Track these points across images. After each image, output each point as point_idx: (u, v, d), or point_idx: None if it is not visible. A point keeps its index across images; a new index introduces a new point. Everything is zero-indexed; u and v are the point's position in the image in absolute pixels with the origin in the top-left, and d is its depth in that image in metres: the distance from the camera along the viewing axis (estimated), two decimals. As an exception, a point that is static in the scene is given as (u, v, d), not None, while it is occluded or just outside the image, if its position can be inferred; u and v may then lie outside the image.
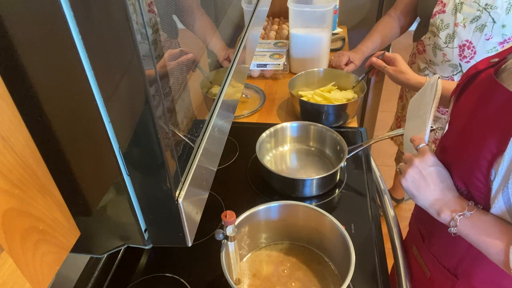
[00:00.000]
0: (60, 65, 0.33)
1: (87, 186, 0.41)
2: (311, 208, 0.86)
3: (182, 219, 0.43)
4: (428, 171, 0.71)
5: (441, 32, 1.31)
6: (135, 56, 0.33)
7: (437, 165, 0.72)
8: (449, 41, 1.30)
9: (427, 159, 0.72)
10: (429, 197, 0.71)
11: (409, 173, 0.73)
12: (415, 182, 0.72)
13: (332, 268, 0.86)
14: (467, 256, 0.76)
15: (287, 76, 1.61)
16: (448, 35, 1.30)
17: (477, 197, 0.67)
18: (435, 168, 0.71)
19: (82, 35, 0.32)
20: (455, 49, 1.30)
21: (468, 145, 0.68)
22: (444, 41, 1.31)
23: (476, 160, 0.65)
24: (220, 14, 0.67)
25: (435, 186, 0.71)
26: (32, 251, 0.36)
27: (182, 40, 0.49)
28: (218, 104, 0.56)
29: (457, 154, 0.72)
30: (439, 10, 1.30)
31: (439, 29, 1.31)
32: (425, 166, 0.72)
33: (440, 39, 1.32)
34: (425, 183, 0.71)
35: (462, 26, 1.25)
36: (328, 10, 1.49)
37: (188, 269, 0.90)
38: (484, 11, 1.20)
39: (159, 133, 0.37)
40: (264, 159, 1.17)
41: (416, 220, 0.94)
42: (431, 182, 0.71)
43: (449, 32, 1.29)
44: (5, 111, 0.33)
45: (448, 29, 1.29)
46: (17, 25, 0.32)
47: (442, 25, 1.30)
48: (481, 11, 1.20)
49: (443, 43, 1.32)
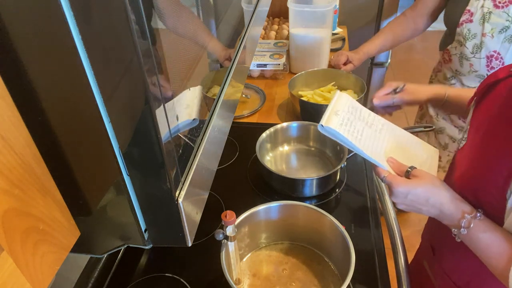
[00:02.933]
0: (60, 65, 0.33)
1: (87, 186, 0.41)
2: (311, 208, 0.86)
3: (182, 219, 0.43)
4: (409, 201, 0.71)
5: (468, 42, 1.27)
6: (135, 56, 0.33)
7: (409, 193, 0.70)
8: (476, 51, 1.27)
9: (397, 194, 0.71)
10: (429, 213, 0.71)
11: (397, 205, 0.73)
12: (408, 209, 0.72)
13: (332, 268, 0.86)
14: (479, 273, 0.74)
15: (287, 76, 1.61)
16: (475, 45, 1.26)
17: (487, 211, 0.66)
18: (411, 195, 0.70)
19: (82, 35, 0.32)
20: (482, 59, 1.27)
21: (484, 158, 0.67)
22: (471, 51, 1.28)
23: (491, 175, 0.64)
24: (220, 14, 0.67)
25: (425, 206, 0.70)
26: (32, 251, 0.35)
27: (182, 40, 0.49)
28: (218, 104, 0.56)
29: (471, 167, 0.70)
30: (466, 19, 1.26)
31: (466, 38, 1.28)
32: (402, 200, 0.71)
33: (467, 49, 1.29)
34: (416, 208, 0.71)
35: (490, 36, 1.22)
36: (328, 10, 1.49)
37: (188, 269, 0.90)
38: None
39: (159, 133, 0.37)
40: (264, 159, 1.17)
41: (427, 233, 0.92)
42: (420, 206, 0.70)
43: (476, 42, 1.26)
44: (5, 111, 0.33)
45: (475, 39, 1.26)
46: (17, 25, 0.32)
47: (469, 35, 1.26)
48: (511, 22, 1.17)
49: (470, 53, 1.28)
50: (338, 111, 0.82)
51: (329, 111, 0.81)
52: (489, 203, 0.65)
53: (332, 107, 0.83)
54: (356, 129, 0.81)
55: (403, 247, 0.98)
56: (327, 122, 0.77)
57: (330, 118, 0.79)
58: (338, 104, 0.84)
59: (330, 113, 0.80)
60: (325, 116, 0.79)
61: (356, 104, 0.88)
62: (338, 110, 0.82)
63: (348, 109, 0.85)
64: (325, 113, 0.81)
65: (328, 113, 0.80)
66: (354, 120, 0.83)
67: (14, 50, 0.33)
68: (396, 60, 2.82)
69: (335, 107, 0.83)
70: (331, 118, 0.79)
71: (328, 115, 0.80)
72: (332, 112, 0.81)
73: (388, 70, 2.15)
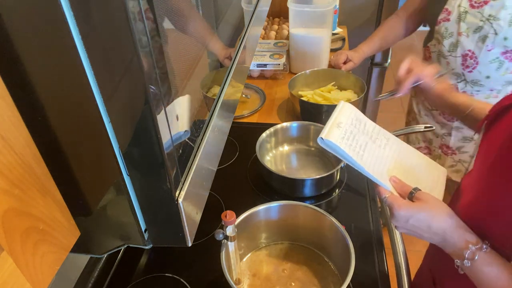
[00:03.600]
0: (60, 65, 0.33)
1: (87, 186, 0.41)
2: (311, 208, 0.86)
3: (182, 219, 0.43)
4: (410, 225, 0.67)
5: (445, 40, 1.30)
6: (135, 56, 0.33)
7: (411, 217, 0.66)
8: (452, 50, 1.29)
9: (398, 218, 0.67)
10: (431, 240, 0.68)
11: (398, 228, 0.69)
12: (409, 234, 0.69)
13: (332, 268, 0.86)
14: None
15: (287, 76, 1.61)
16: (451, 44, 1.28)
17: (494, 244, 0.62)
18: (413, 220, 0.66)
19: (82, 35, 0.32)
20: (458, 58, 1.29)
21: (491, 191, 0.63)
22: (448, 50, 1.30)
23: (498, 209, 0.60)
24: (220, 14, 0.67)
25: (427, 233, 0.66)
26: (32, 251, 0.35)
27: (182, 40, 0.49)
28: (218, 104, 0.56)
29: (477, 199, 0.66)
30: (443, 18, 1.28)
31: (443, 37, 1.30)
32: (403, 224, 0.67)
33: (444, 47, 1.31)
34: (418, 234, 0.67)
35: (465, 35, 1.24)
36: (328, 10, 1.49)
37: (188, 269, 0.90)
38: (487, 22, 1.18)
39: (159, 133, 0.37)
40: (264, 159, 1.16)
41: (428, 258, 0.88)
42: (421, 232, 0.67)
43: (453, 41, 1.28)
44: (5, 111, 0.33)
45: (452, 37, 1.28)
46: (17, 25, 0.32)
47: (446, 33, 1.29)
48: (484, 22, 1.19)
49: (447, 51, 1.31)
50: (340, 123, 0.77)
51: (330, 122, 0.76)
52: (496, 236, 0.62)
53: (334, 118, 0.77)
54: (359, 144, 0.75)
55: (403, 247, 0.98)
56: (327, 135, 0.72)
57: (331, 131, 0.74)
58: (341, 115, 0.79)
59: (331, 125, 0.75)
60: (326, 128, 0.74)
61: (360, 116, 0.83)
62: (340, 122, 0.77)
63: (352, 122, 0.79)
64: (326, 124, 0.76)
65: (329, 125, 0.75)
66: (357, 134, 0.77)
67: (14, 50, 0.33)
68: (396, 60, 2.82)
69: (338, 119, 0.77)
70: (332, 130, 0.74)
71: (329, 127, 0.74)
72: (333, 124, 0.76)
73: (388, 70, 2.15)
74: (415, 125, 1.47)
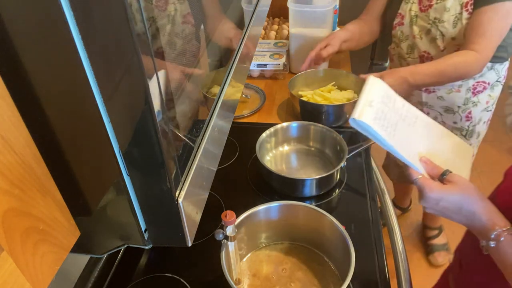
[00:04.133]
0: (60, 65, 0.34)
1: (87, 186, 0.41)
2: (311, 208, 0.86)
3: (182, 219, 0.43)
4: (441, 208, 0.68)
5: (402, 43, 1.33)
6: (135, 56, 0.33)
7: (441, 199, 0.67)
8: (410, 52, 1.32)
9: (429, 200, 0.68)
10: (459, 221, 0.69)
11: (426, 209, 0.70)
12: (438, 214, 0.70)
13: (332, 268, 0.86)
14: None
15: (287, 76, 1.61)
16: (409, 46, 1.31)
17: None
18: (444, 202, 0.67)
19: (82, 35, 0.32)
20: (416, 59, 1.31)
21: None
22: (406, 52, 1.33)
23: None
24: (221, 9, 0.67)
25: (457, 215, 0.67)
26: (32, 251, 0.36)
27: (182, 39, 0.49)
28: (218, 104, 0.56)
29: None
30: (398, 22, 1.31)
31: (400, 40, 1.33)
32: (433, 205, 0.68)
33: (403, 50, 1.34)
34: (446, 215, 0.69)
35: (419, 38, 1.27)
36: (328, 10, 1.49)
37: (188, 269, 0.90)
38: (433, 24, 1.21)
39: (159, 133, 0.37)
40: (264, 159, 1.16)
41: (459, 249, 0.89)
42: (451, 213, 0.68)
43: (410, 43, 1.31)
44: (5, 111, 0.33)
45: (408, 40, 1.31)
46: (17, 25, 0.32)
47: (402, 37, 1.32)
48: (431, 25, 1.21)
49: (405, 53, 1.33)
50: (372, 101, 0.73)
51: (362, 101, 0.73)
52: None
53: (365, 96, 0.74)
54: (390, 123, 0.73)
55: (403, 247, 0.98)
56: (360, 116, 0.70)
57: (364, 111, 0.71)
58: (372, 93, 0.76)
59: (363, 105, 0.72)
60: (358, 108, 0.71)
61: (390, 92, 0.79)
62: (372, 100, 0.73)
63: (382, 99, 0.76)
64: (358, 103, 0.73)
65: (361, 105, 0.72)
66: (388, 112, 0.74)
67: (14, 50, 0.33)
68: (396, 60, 2.83)
69: (369, 97, 0.74)
70: (365, 110, 0.71)
71: (361, 107, 0.71)
72: (365, 103, 0.72)
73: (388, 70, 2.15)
74: None
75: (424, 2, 1.23)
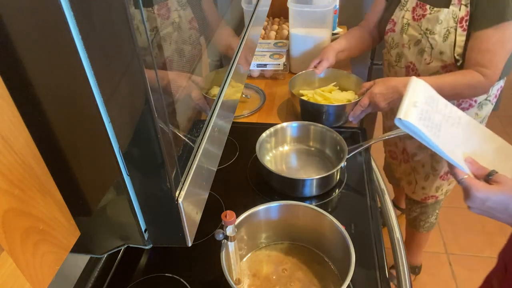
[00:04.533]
0: (60, 65, 0.34)
1: (87, 186, 0.41)
2: (311, 208, 0.86)
3: (182, 219, 0.43)
4: (486, 207, 0.68)
5: (392, 50, 1.31)
6: (135, 56, 0.33)
7: (488, 199, 0.68)
8: (398, 60, 1.30)
9: (475, 200, 0.68)
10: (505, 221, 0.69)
11: (471, 209, 0.70)
12: (482, 214, 0.70)
13: (332, 268, 0.86)
14: None
15: (287, 76, 1.61)
16: (397, 54, 1.29)
17: None
18: (490, 202, 0.68)
19: (82, 35, 0.32)
20: (402, 69, 1.29)
21: None
22: (395, 60, 1.31)
23: None
24: (220, 14, 0.67)
25: (502, 215, 0.68)
26: (32, 251, 0.36)
27: (182, 39, 0.49)
28: (218, 104, 0.56)
29: None
30: (390, 28, 1.29)
31: (391, 47, 1.31)
32: (479, 205, 0.69)
33: (392, 57, 1.32)
34: (492, 215, 0.69)
35: (407, 47, 1.24)
36: (328, 10, 1.49)
37: (188, 269, 0.90)
38: (424, 35, 1.18)
39: (159, 133, 0.37)
40: (264, 159, 1.16)
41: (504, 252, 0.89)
42: (497, 213, 0.68)
43: (399, 52, 1.28)
44: (5, 111, 0.33)
45: (397, 48, 1.28)
46: (17, 25, 0.32)
47: (393, 44, 1.29)
48: (422, 36, 1.19)
49: (394, 61, 1.32)
50: (416, 102, 0.74)
51: (406, 101, 0.73)
52: None
53: (409, 97, 0.75)
54: (434, 124, 0.73)
55: (403, 247, 0.98)
56: (405, 116, 0.70)
57: (409, 111, 0.71)
58: (416, 93, 0.76)
59: (408, 105, 0.73)
60: (403, 108, 0.72)
61: (433, 93, 0.80)
62: (416, 101, 0.74)
63: (426, 100, 0.76)
64: (402, 104, 0.73)
65: (405, 105, 0.73)
66: (432, 113, 0.75)
67: (14, 50, 0.33)
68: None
69: (413, 97, 0.75)
70: (410, 111, 0.71)
71: (406, 107, 0.72)
72: (410, 103, 0.73)
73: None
74: None
75: (418, 11, 1.19)
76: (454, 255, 1.98)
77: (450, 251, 2.00)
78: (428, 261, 1.92)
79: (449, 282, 1.87)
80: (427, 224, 1.65)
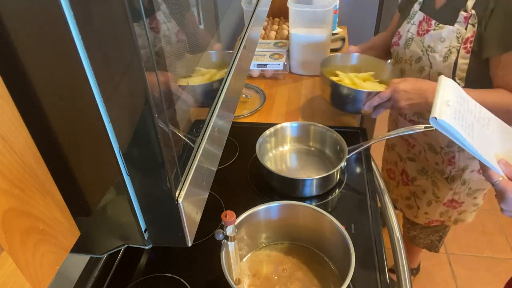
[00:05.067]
0: (60, 65, 0.33)
1: (87, 186, 0.41)
2: (311, 208, 0.86)
3: (182, 219, 0.43)
4: None
5: (396, 65, 1.24)
6: (135, 56, 0.33)
7: None
8: (401, 75, 1.22)
9: (509, 202, 0.67)
10: None
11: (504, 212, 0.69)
12: None
13: (332, 268, 0.86)
14: None
15: (287, 76, 1.61)
16: (401, 70, 1.22)
17: None
18: None
19: (82, 35, 0.32)
20: None
21: None
22: (398, 76, 1.22)
23: None
24: (220, 14, 0.67)
25: None
26: (32, 251, 0.36)
27: (183, 39, 0.49)
28: (218, 104, 0.56)
29: None
30: (395, 42, 1.22)
31: (396, 61, 1.24)
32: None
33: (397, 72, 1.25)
34: None
35: (409, 64, 1.17)
36: (328, 10, 1.49)
37: (188, 269, 0.90)
38: (425, 53, 1.11)
39: (159, 133, 0.37)
40: (264, 159, 1.16)
41: None
42: None
43: (402, 67, 1.21)
44: (5, 111, 0.33)
45: (401, 63, 1.22)
46: (17, 25, 0.32)
47: (397, 58, 1.23)
48: (423, 53, 1.12)
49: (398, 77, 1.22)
50: (448, 101, 0.72)
51: (438, 100, 0.72)
52: None
53: (440, 96, 0.73)
54: (467, 124, 0.72)
55: (403, 247, 0.98)
56: (440, 115, 0.68)
57: (443, 110, 0.70)
58: (447, 92, 0.74)
59: (441, 104, 0.71)
60: (436, 107, 0.70)
61: (463, 93, 0.78)
62: (448, 100, 0.72)
63: (457, 99, 0.75)
64: (435, 103, 0.71)
65: (439, 104, 0.71)
66: (464, 113, 0.73)
67: (14, 50, 0.33)
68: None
69: (445, 97, 0.73)
70: (444, 110, 0.70)
71: (439, 106, 0.70)
72: (443, 102, 0.71)
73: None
74: (414, 125, 1.45)
75: (423, 26, 1.12)
76: (454, 255, 1.98)
77: (450, 251, 2.00)
78: (427, 261, 1.92)
79: (449, 282, 1.87)
80: (427, 241, 1.57)
